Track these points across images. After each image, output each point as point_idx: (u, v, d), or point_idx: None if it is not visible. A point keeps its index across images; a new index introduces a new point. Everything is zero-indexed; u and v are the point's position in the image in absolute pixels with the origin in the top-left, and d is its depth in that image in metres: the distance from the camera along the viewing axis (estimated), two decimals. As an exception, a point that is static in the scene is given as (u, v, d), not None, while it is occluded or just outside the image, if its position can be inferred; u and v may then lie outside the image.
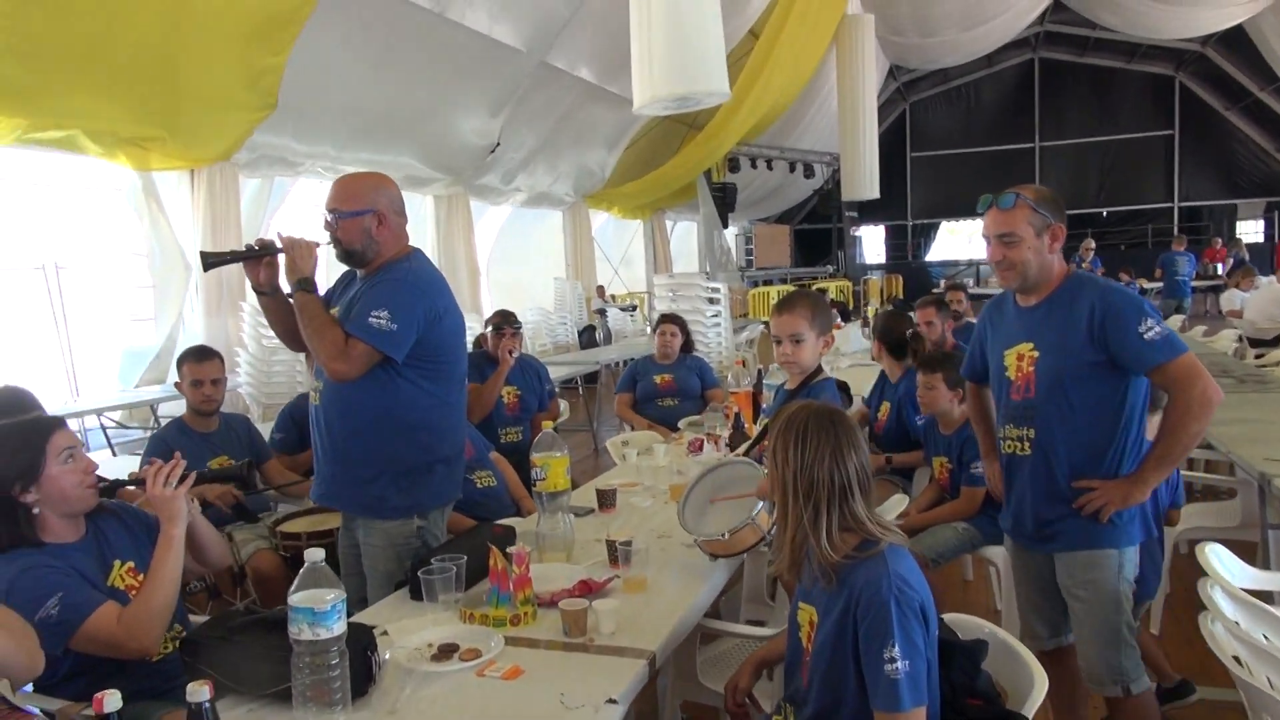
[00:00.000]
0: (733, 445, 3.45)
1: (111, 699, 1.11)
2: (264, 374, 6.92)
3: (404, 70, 8.62)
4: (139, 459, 3.84)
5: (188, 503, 2.15)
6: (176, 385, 3.72)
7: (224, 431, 3.70)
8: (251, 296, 8.10)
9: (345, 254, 2.55)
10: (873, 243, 25.72)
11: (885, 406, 4.37)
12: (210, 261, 2.54)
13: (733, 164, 15.52)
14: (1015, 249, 2.31)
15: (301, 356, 6.91)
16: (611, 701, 1.71)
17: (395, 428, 2.49)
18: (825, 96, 16.69)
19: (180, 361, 3.70)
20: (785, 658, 1.94)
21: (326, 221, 2.53)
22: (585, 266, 14.19)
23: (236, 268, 2.72)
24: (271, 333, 7.10)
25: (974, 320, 6.13)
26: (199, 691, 1.16)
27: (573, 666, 1.88)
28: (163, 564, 2.06)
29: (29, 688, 1.99)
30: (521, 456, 4.19)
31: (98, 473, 2.12)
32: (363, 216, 2.50)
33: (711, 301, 8.44)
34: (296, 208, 10.15)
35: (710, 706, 2.50)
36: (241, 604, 3.18)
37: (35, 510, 2.03)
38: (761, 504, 2.29)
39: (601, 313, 13.36)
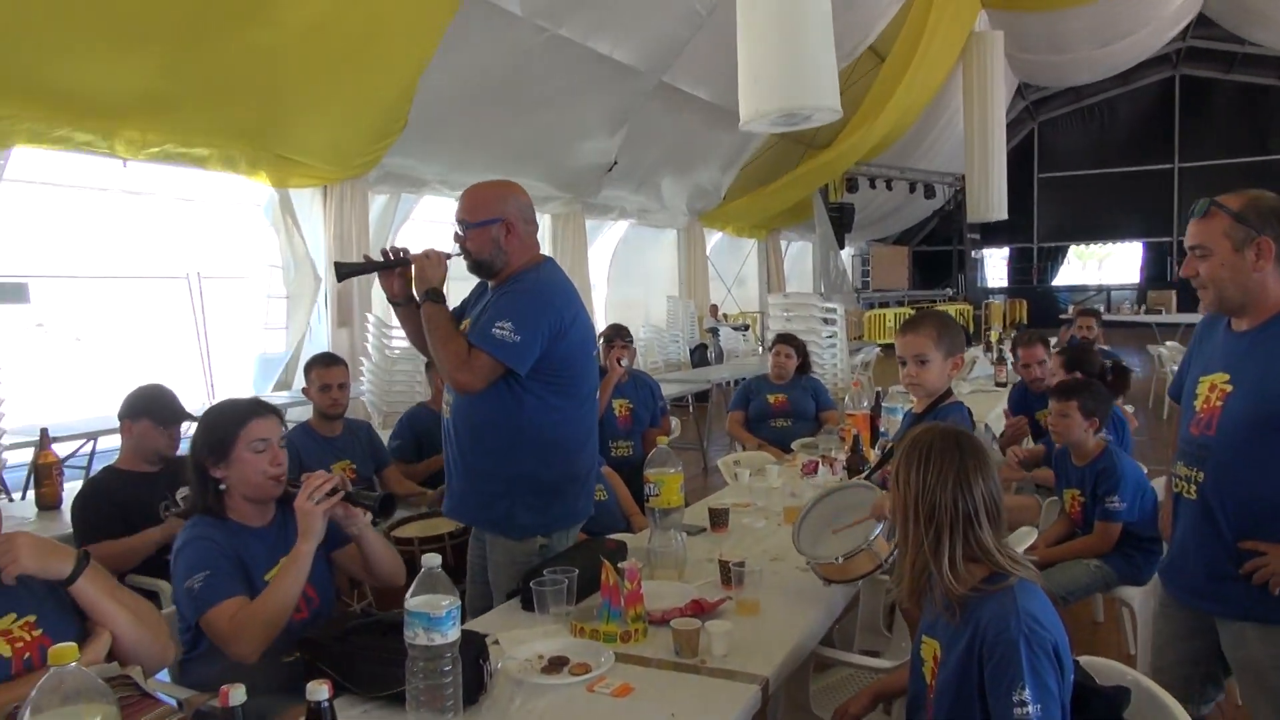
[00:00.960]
0: (850, 469, 3.35)
1: (236, 693, 1.13)
2: (385, 382, 7.14)
3: (525, 91, 8.81)
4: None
5: (360, 520, 2.19)
6: (304, 391, 3.86)
7: (347, 437, 3.82)
8: (376, 308, 8.43)
9: (475, 265, 2.54)
10: (995, 266, 24.89)
11: None
12: (344, 272, 2.60)
13: (851, 184, 15.29)
14: (1206, 263, 2.02)
15: (422, 367, 7.10)
16: (724, 726, 1.66)
17: (522, 444, 2.45)
18: (951, 115, 16.28)
19: (308, 367, 3.83)
20: (908, 693, 1.85)
21: (456, 233, 2.54)
22: (698, 285, 14.17)
23: (367, 280, 2.79)
24: (394, 343, 7.33)
25: (1106, 347, 5.84)
26: (318, 691, 1.17)
27: (683, 687, 1.83)
28: (283, 576, 2.07)
29: (164, 675, 2.07)
30: (632, 471, 4.20)
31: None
32: (490, 226, 2.48)
33: (827, 322, 8.29)
34: (421, 223, 10.50)
35: (821, 737, 2.41)
36: (358, 606, 3.25)
37: (223, 486, 2.15)
38: (879, 529, 2.20)
39: (714, 332, 13.30)
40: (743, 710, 1.73)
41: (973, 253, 20.03)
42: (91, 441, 5.58)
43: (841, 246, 15.67)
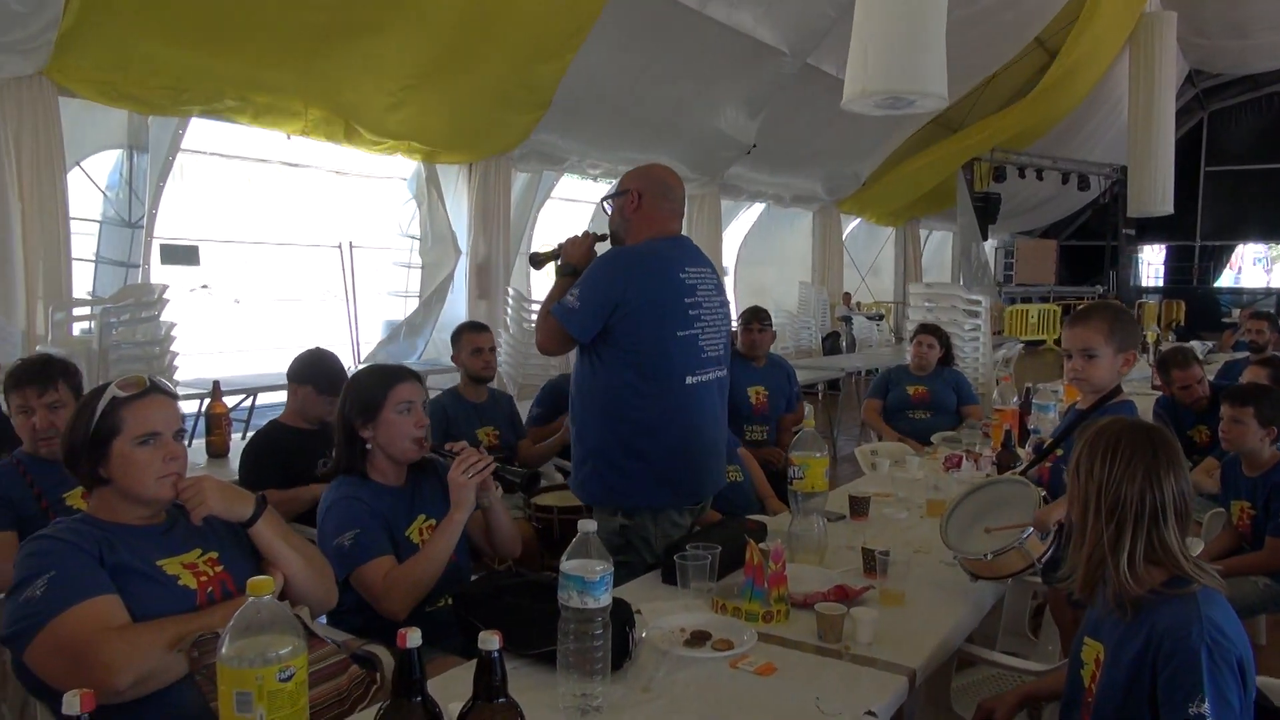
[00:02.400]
0: (1001, 465, 3.23)
1: (414, 635, 1.17)
2: (522, 355, 7.32)
3: (669, 70, 8.81)
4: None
5: (492, 493, 2.28)
6: (454, 357, 3.98)
7: (491, 404, 3.93)
8: (515, 282, 8.63)
9: (609, 235, 2.62)
10: (1149, 264, 23.47)
11: None
12: (538, 260, 2.69)
13: (998, 173, 14.62)
14: None
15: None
16: (870, 715, 1.63)
17: (594, 414, 2.50)
18: (1115, 103, 15.37)
19: (458, 334, 3.96)
20: (1062, 697, 1.78)
21: (604, 209, 2.62)
22: (832, 272, 13.92)
23: (507, 254, 2.88)
24: (531, 317, 7.47)
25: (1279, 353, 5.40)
26: (490, 640, 1.20)
27: (826, 671, 1.81)
28: (436, 541, 2.18)
29: (322, 619, 2.19)
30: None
31: None
32: (622, 197, 2.54)
33: (970, 314, 8.00)
34: (558, 202, 10.69)
35: (958, 737, 2.35)
36: (500, 567, 3.34)
37: (368, 446, 2.25)
38: (1032, 529, 2.12)
39: (846, 320, 13.05)
40: (891, 700, 1.70)
41: (1128, 249, 18.92)
42: (251, 397, 5.94)
43: (985, 238, 15.04)
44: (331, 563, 2.12)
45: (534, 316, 7.47)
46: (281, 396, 5.38)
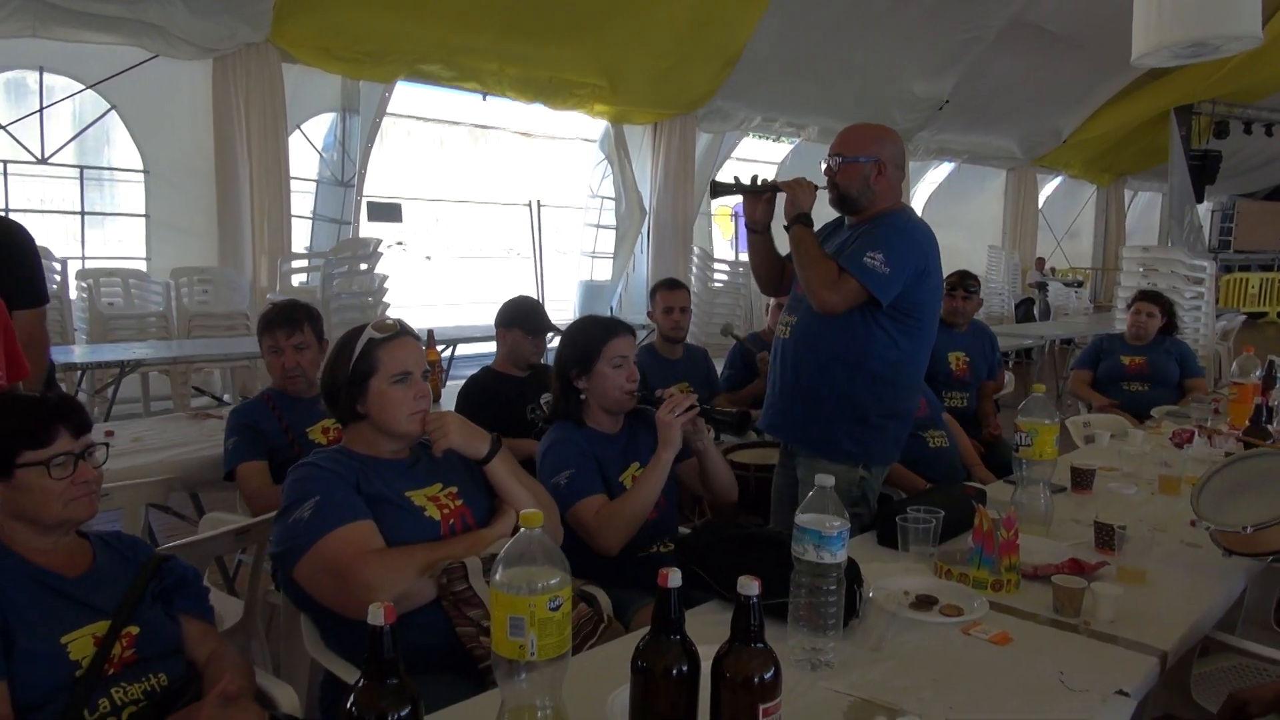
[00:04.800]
0: (1248, 441, 2.97)
1: (674, 576, 1.19)
2: (706, 314, 7.35)
3: (857, 27, 8.51)
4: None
5: (705, 436, 2.32)
6: (649, 314, 4.03)
7: (686, 360, 3.96)
8: (700, 240, 8.64)
9: (840, 198, 2.57)
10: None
11: None
12: (718, 190, 2.66)
13: (1219, 128, 13.34)
14: None
15: (744, 299, 7.21)
16: (1123, 694, 1.54)
17: (862, 375, 2.49)
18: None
19: (654, 291, 4.01)
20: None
21: (828, 166, 2.56)
22: (1026, 235, 13.18)
23: (689, 214, 2.85)
24: (715, 275, 7.48)
25: None
26: (749, 585, 1.21)
27: (1067, 646, 1.72)
28: (645, 480, 2.23)
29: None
30: (965, 424, 4.03)
31: None
32: (863, 164, 2.51)
33: (1194, 282, 7.36)
34: (736, 163, 10.59)
35: (1194, 727, 2.19)
36: (698, 522, 3.39)
37: (583, 396, 2.33)
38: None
39: (1041, 286, 12.33)
40: (1141, 682, 1.60)
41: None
42: (451, 348, 6.23)
43: (1200, 199, 13.82)
44: None
45: (720, 276, 7.46)
46: (474, 349, 5.61)
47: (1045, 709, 1.49)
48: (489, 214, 10.80)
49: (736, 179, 2.67)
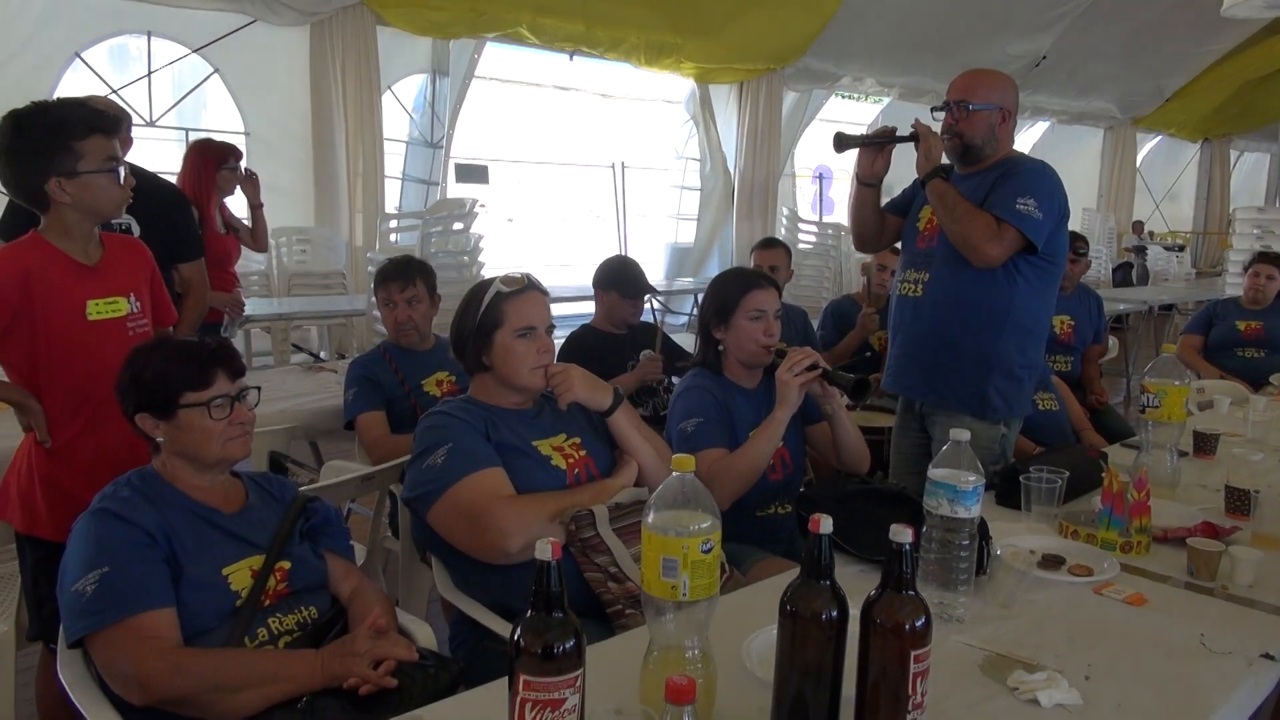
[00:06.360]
0: (1385, 408, 2.84)
1: (826, 523, 1.19)
2: (795, 276, 7.27)
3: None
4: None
5: (835, 400, 2.26)
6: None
7: (785, 320, 3.90)
8: (784, 201, 8.53)
9: (963, 147, 2.50)
10: None
11: None
12: (844, 142, 2.62)
13: (1337, 84, 12.60)
14: None
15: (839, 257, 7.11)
16: (1269, 657, 1.50)
17: (1008, 326, 2.45)
18: None
19: (751, 251, 3.99)
20: None
21: (950, 111, 2.49)
22: (1123, 198, 12.68)
23: (773, 177, 2.81)
24: (802, 237, 7.38)
25: None
26: (902, 533, 1.20)
27: (1204, 609, 1.68)
28: (759, 437, 2.18)
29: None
30: (1070, 388, 3.93)
31: None
32: (990, 111, 2.47)
33: (1316, 244, 7.00)
34: (821, 124, 10.40)
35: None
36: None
37: (721, 348, 2.33)
38: None
39: (1139, 250, 11.88)
40: (1287, 646, 1.56)
41: None
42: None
43: (1313, 160, 13.13)
44: (673, 446, 2.19)
45: (809, 237, 7.37)
46: (562, 310, 5.63)
47: (1189, 670, 1.47)
48: (570, 176, 10.80)
49: (864, 135, 2.62)
